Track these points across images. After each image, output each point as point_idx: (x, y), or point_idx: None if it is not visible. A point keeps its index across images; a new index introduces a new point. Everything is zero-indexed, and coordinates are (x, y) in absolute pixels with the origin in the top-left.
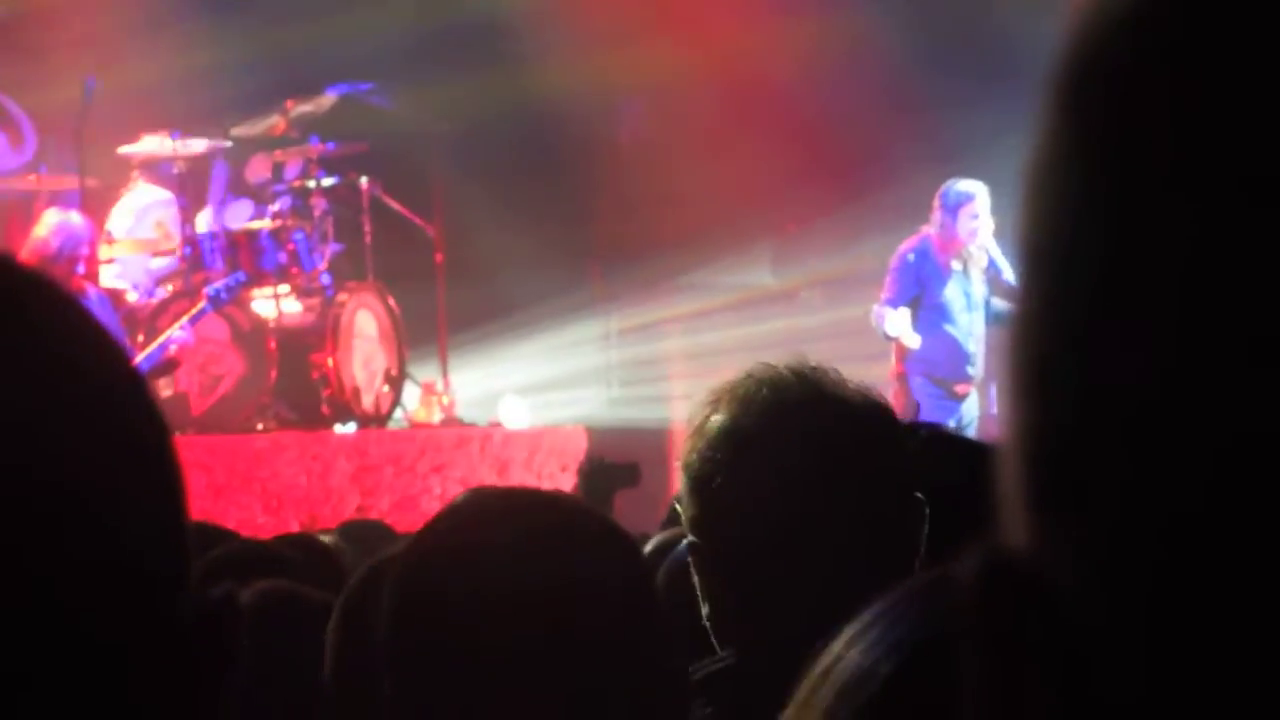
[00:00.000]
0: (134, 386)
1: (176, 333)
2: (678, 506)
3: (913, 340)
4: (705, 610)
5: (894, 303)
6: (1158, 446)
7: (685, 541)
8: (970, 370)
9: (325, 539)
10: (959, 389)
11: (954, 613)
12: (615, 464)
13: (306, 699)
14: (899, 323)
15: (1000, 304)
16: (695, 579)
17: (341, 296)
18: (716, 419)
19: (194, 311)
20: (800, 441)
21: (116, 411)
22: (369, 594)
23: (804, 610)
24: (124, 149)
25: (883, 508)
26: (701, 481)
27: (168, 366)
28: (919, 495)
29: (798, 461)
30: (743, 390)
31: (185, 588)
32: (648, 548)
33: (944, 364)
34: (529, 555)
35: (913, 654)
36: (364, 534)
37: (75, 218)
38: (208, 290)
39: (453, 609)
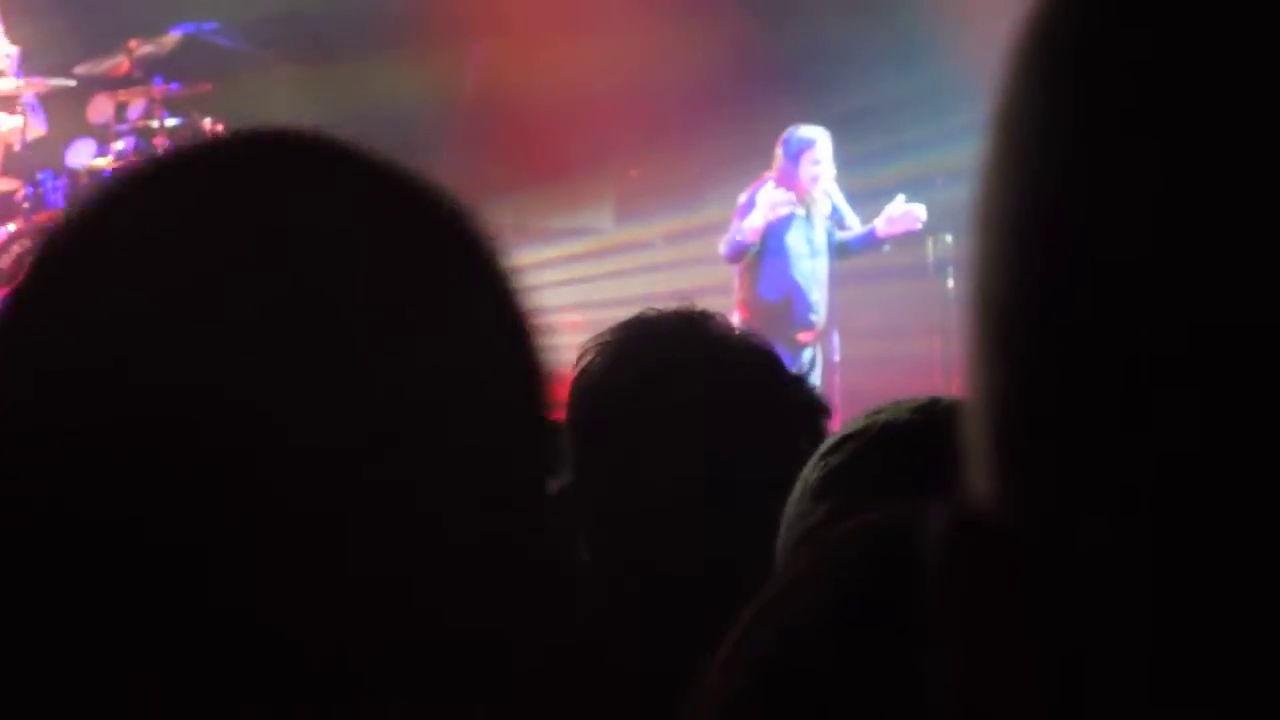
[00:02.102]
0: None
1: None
2: None
3: (780, 197)
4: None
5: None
6: (1142, 393)
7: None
8: (813, 318)
9: None
10: (801, 337)
11: (907, 567)
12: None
13: None
14: (763, 204)
15: (842, 236)
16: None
17: None
18: (600, 363)
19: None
20: (679, 383)
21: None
22: None
23: (695, 556)
24: None
25: (770, 453)
26: (588, 431)
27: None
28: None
29: (684, 409)
30: (626, 335)
31: None
32: None
33: (786, 311)
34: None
35: (856, 612)
36: None
37: None
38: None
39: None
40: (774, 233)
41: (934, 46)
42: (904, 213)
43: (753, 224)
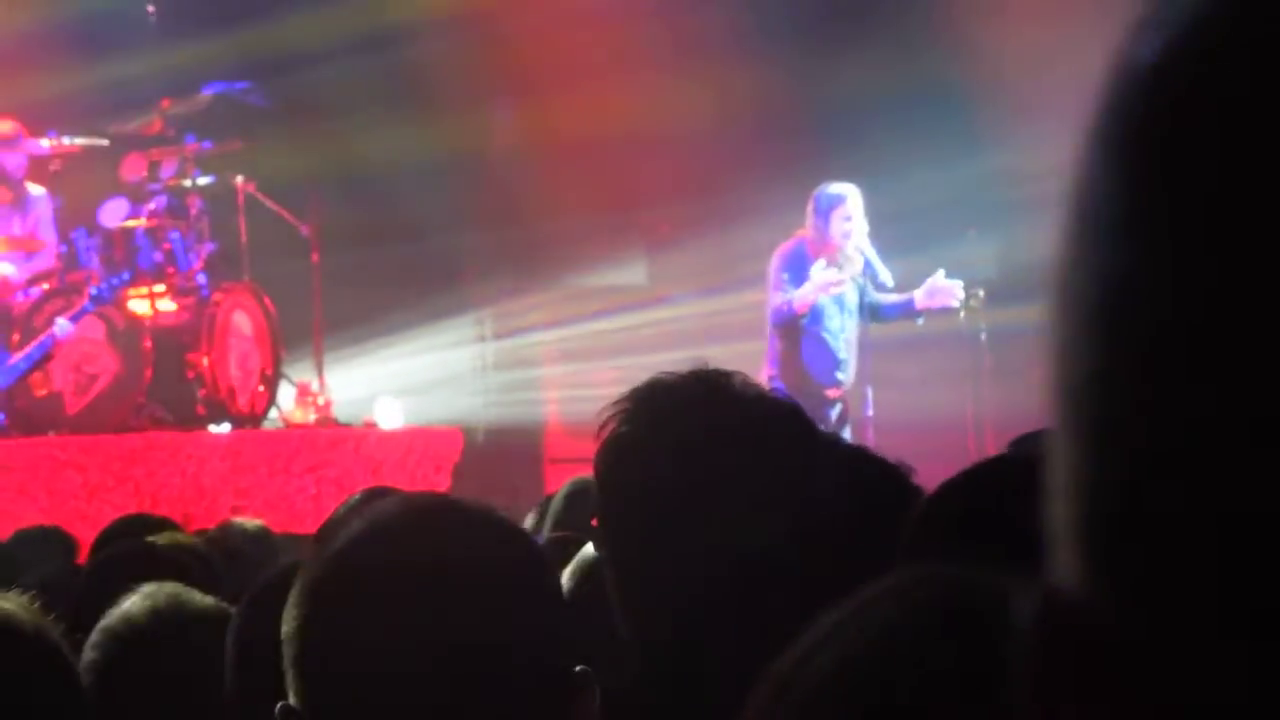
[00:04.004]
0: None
1: (58, 330)
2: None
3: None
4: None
5: (782, 294)
6: (1229, 493)
7: (596, 550)
8: (840, 376)
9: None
10: (829, 394)
11: (1007, 653)
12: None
13: (202, 701)
14: (815, 283)
15: (879, 299)
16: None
17: (217, 296)
18: (625, 428)
19: (77, 309)
20: (706, 447)
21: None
22: (270, 601)
23: (717, 616)
24: None
25: (794, 510)
26: (611, 490)
27: (43, 364)
28: (830, 501)
29: (707, 467)
30: (649, 398)
31: None
32: None
33: (814, 369)
34: (443, 560)
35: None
36: (241, 535)
37: None
38: (91, 289)
39: (367, 618)
40: None
41: (966, 98)
42: (945, 288)
43: (804, 298)
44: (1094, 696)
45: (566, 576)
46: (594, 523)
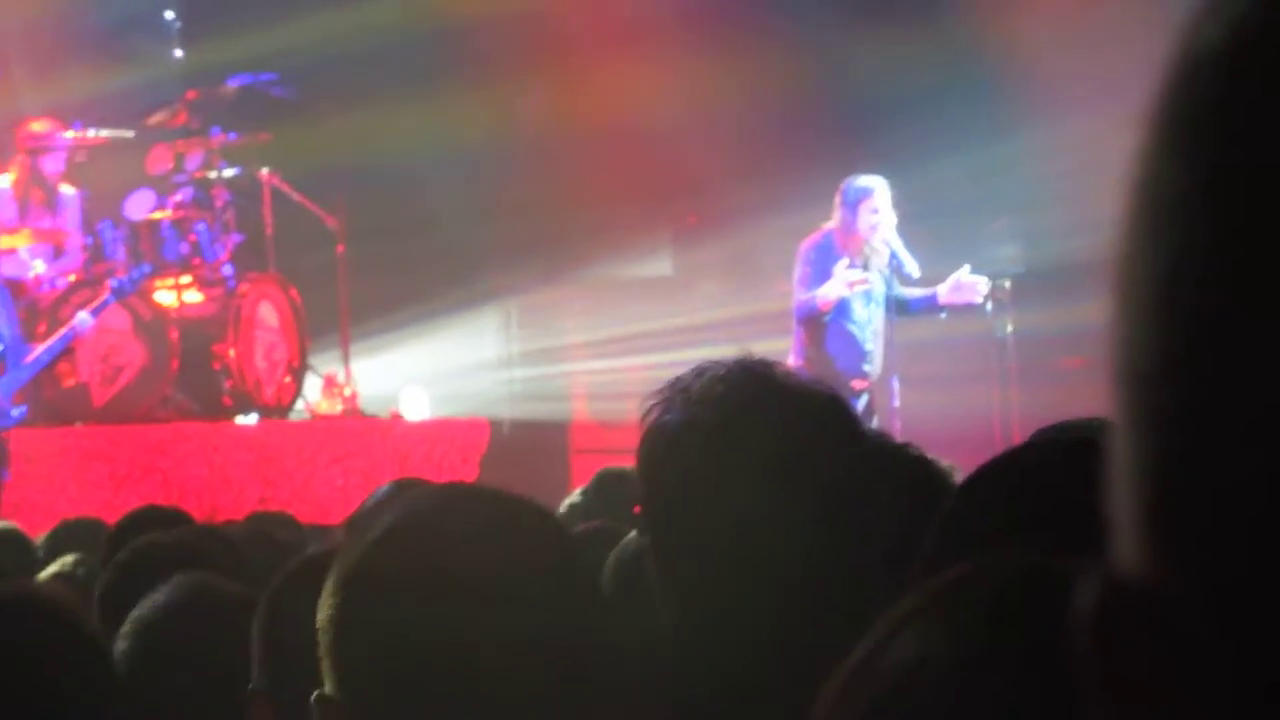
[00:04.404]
0: None
1: (79, 324)
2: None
3: (858, 276)
4: (661, 607)
5: (808, 288)
6: None
7: (638, 539)
8: (866, 367)
9: (231, 531)
10: (855, 385)
11: (1061, 634)
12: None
13: (228, 692)
14: (839, 279)
15: (904, 293)
16: (652, 577)
17: (243, 288)
18: (669, 416)
19: (98, 303)
20: (755, 436)
21: None
22: (297, 590)
23: (761, 607)
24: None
25: (840, 502)
26: (657, 480)
27: (67, 355)
28: (877, 489)
29: (753, 457)
30: (695, 387)
31: None
32: None
33: (841, 360)
34: (478, 546)
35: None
36: (269, 526)
37: None
38: (112, 282)
39: (405, 607)
40: None
41: (995, 88)
42: (969, 284)
43: (827, 296)
44: (1158, 680)
45: (607, 569)
46: (635, 510)
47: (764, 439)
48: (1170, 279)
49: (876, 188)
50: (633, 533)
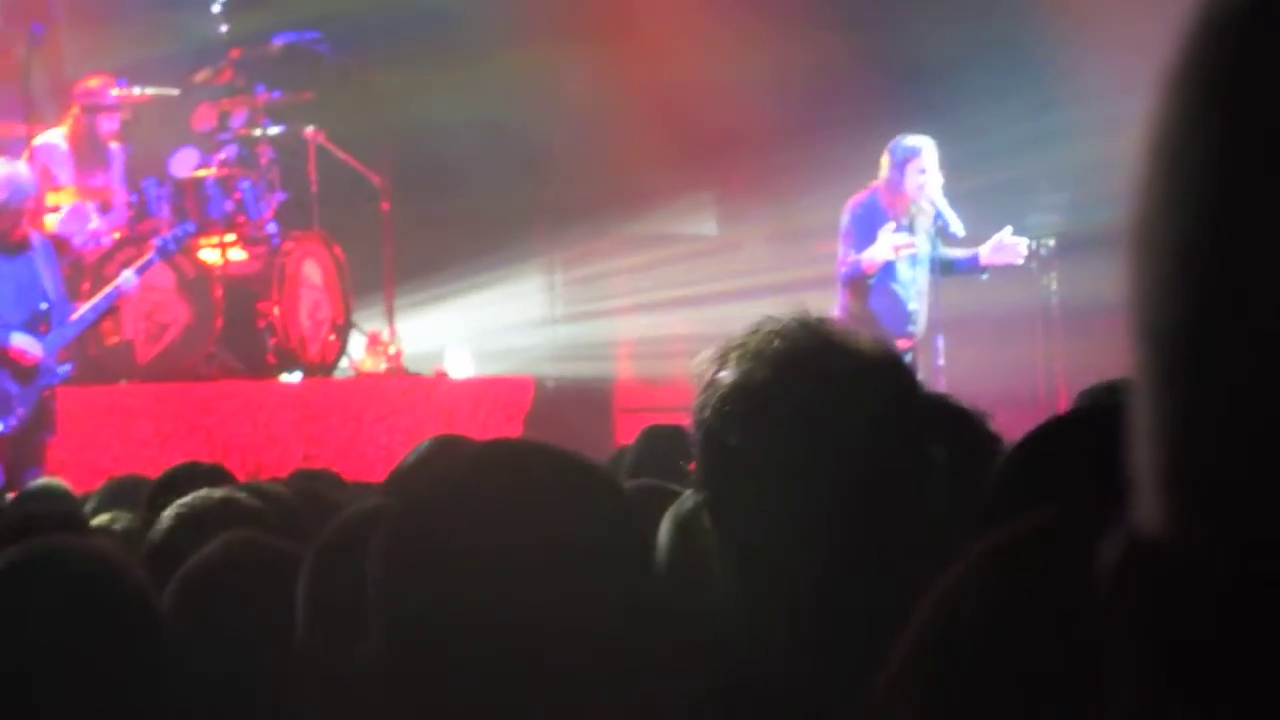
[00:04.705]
0: None
1: (123, 282)
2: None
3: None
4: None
5: (856, 249)
6: None
7: (695, 497)
8: (911, 328)
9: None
10: (900, 344)
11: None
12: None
13: (275, 647)
14: (884, 244)
15: (947, 253)
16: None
17: (288, 245)
18: (727, 373)
19: (142, 261)
20: (814, 393)
21: None
22: (342, 547)
23: (819, 564)
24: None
25: (897, 459)
26: (715, 437)
27: (112, 313)
28: (934, 447)
29: (812, 413)
30: (753, 343)
31: None
32: None
33: (885, 319)
34: (529, 503)
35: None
36: (314, 484)
37: (22, 169)
38: (156, 240)
39: (455, 562)
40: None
41: (1039, 48)
42: (1010, 245)
43: (873, 259)
44: (1178, 636)
45: (663, 528)
46: (691, 466)
47: (821, 395)
48: (1189, 241)
49: (924, 147)
50: (689, 491)
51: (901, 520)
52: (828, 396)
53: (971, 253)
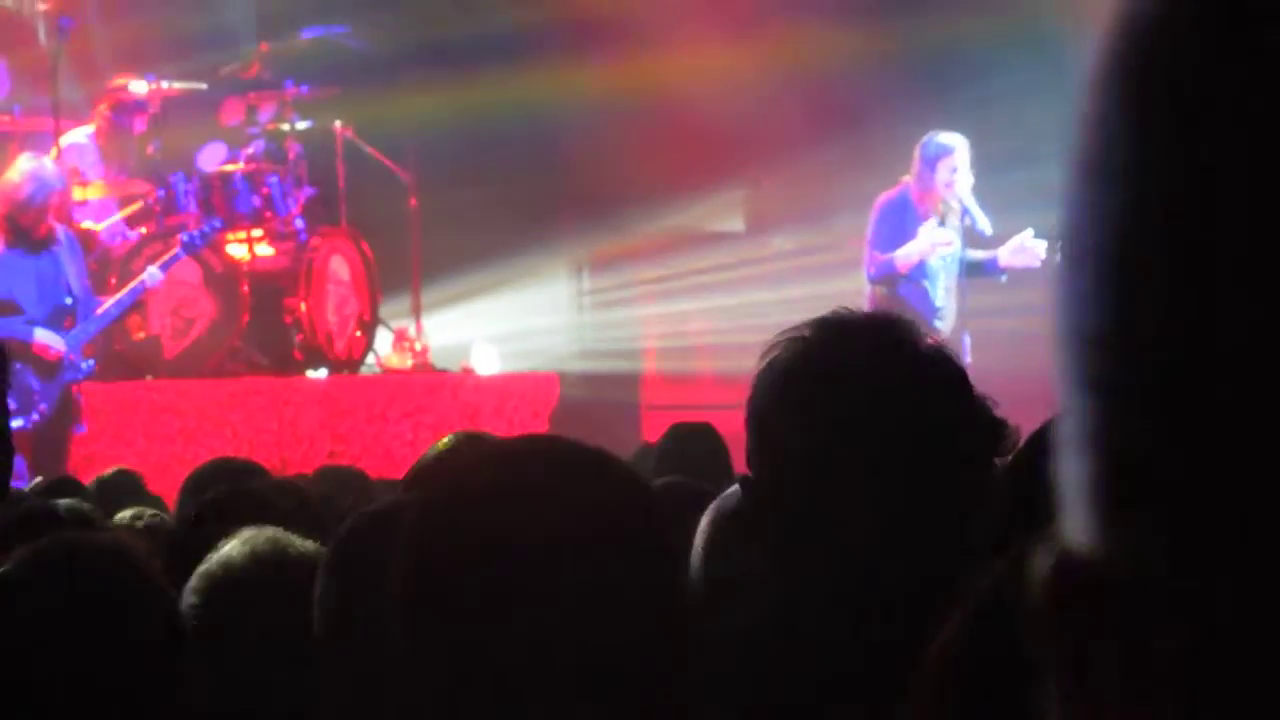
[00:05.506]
0: None
1: (148, 278)
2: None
3: (941, 237)
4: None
5: (883, 249)
6: (1247, 442)
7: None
8: (938, 323)
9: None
10: None
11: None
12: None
13: (296, 643)
14: (925, 239)
15: (972, 255)
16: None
17: (315, 241)
18: (784, 365)
19: (168, 256)
20: (870, 386)
21: None
22: (363, 543)
23: (855, 554)
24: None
25: (950, 456)
26: (758, 418)
27: (137, 308)
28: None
29: (868, 407)
30: (811, 335)
31: None
32: None
33: (913, 316)
34: (553, 499)
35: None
36: (339, 480)
37: (49, 164)
38: (182, 236)
39: (481, 557)
40: (906, 238)
41: (1065, 45)
42: (1030, 248)
43: (909, 256)
44: (1109, 653)
45: (702, 525)
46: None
47: (879, 389)
48: (1118, 243)
49: (957, 146)
50: (734, 488)
51: (952, 520)
52: (885, 390)
53: (991, 254)
